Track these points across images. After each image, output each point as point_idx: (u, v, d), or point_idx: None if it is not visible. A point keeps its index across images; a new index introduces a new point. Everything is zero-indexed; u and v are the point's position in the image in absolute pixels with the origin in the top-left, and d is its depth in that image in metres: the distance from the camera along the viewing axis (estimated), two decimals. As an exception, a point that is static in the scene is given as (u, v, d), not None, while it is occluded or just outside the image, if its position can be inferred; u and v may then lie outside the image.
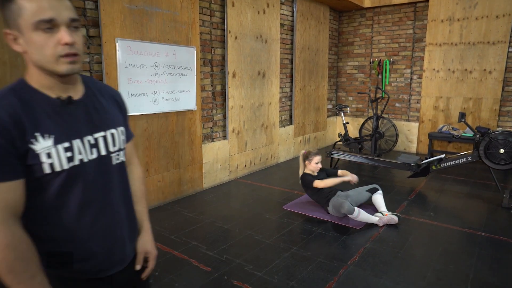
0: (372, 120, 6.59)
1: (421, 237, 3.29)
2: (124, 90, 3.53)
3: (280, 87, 6.03)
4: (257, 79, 5.37)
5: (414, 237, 3.28)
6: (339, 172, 4.00)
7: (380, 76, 7.13)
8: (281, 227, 3.49)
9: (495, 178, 4.25)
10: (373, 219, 3.46)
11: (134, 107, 3.66)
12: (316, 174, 3.90)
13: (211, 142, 4.78)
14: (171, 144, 4.13)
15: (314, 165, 3.88)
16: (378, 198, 3.78)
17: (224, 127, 4.97)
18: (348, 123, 6.78)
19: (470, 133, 6.10)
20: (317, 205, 3.98)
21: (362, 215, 3.43)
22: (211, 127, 4.77)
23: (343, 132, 6.98)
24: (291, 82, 6.31)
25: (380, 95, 6.99)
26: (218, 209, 3.97)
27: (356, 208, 3.41)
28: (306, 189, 3.92)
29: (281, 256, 2.92)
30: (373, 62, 7.19)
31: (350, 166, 5.84)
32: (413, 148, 6.95)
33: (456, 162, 4.45)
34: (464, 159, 4.41)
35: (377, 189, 3.83)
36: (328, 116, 7.63)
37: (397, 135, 6.49)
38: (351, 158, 5.30)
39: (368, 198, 3.85)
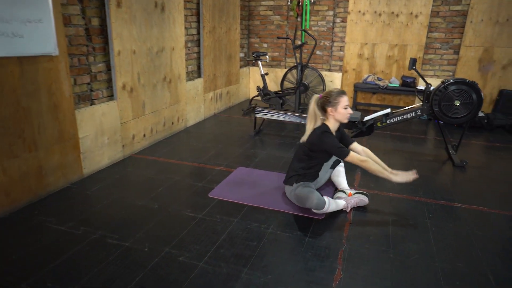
0: (295, 70, 5.64)
1: (400, 221, 2.50)
2: None
3: (185, 28, 4.54)
4: (154, 14, 3.79)
5: (394, 223, 2.47)
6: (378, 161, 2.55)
7: (299, 19, 6.12)
8: (214, 233, 2.31)
9: (443, 134, 3.76)
10: (341, 204, 2.54)
11: None
12: (334, 132, 2.54)
13: (91, 105, 3.18)
14: (14, 113, 2.46)
15: (342, 111, 2.43)
16: (341, 173, 2.89)
17: (110, 82, 3.38)
18: (267, 74, 5.71)
19: (396, 83, 5.66)
20: (253, 186, 2.91)
21: (332, 206, 2.48)
22: (89, 83, 3.15)
23: (261, 86, 5.94)
24: (198, 22, 4.85)
25: (300, 41, 6.02)
26: (110, 211, 2.55)
27: (326, 199, 2.43)
28: (308, 153, 2.52)
29: (228, 292, 1.78)
30: (291, 2, 6.10)
31: (274, 126, 4.86)
32: (335, 101, 6.30)
33: (404, 117, 3.81)
34: (413, 113, 3.77)
35: (339, 161, 2.91)
36: (240, 67, 6.43)
37: (324, 87, 5.70)
38: (282, 117, 4.29)
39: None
